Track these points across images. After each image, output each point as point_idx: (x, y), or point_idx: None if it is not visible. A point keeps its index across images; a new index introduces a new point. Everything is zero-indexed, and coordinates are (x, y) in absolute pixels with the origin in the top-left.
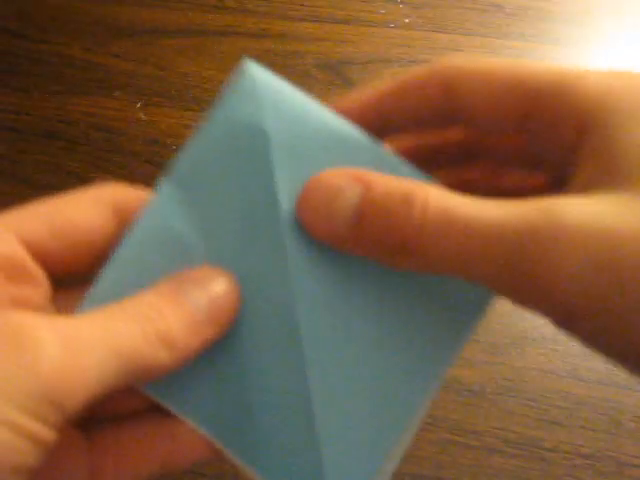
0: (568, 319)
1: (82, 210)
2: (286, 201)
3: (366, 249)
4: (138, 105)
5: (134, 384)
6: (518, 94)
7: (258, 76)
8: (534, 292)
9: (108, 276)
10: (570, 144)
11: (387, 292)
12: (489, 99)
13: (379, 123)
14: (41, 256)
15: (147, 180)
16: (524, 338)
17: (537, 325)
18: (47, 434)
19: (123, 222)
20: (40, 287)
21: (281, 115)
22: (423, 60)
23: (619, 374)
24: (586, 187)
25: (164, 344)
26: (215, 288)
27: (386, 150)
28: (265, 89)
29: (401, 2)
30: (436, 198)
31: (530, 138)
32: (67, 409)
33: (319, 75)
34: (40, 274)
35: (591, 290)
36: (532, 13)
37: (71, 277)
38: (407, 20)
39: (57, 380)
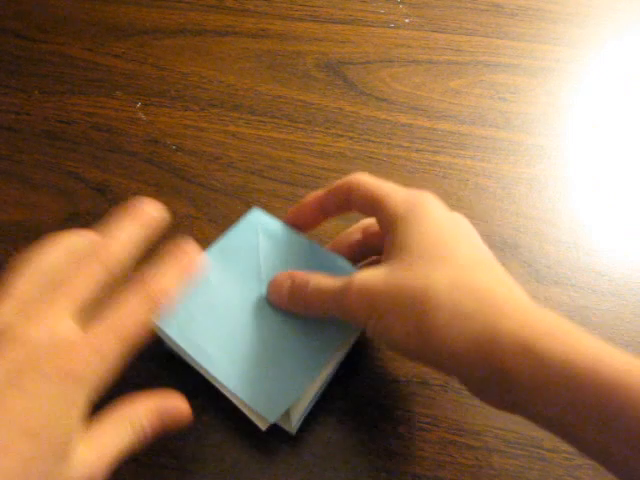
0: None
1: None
2: (265, 284)
3: (294, 307)
4: (138, 105)
5: None
6: (372, 209)
7: (258, 216)
8: (344, 315)
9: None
10: (385, 238)
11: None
12: (364, 203)
13: (318, 213)
14: None
15: (147, 180)
16: None
17: None
18: None
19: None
20: None
21: (269, 240)
22: (423, 60)
23: None
24: (384, 262)
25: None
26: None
27: (328, 253)
28: (262, 224)
29: (401, 2)
30: (316, 280)
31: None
32: None
33: (319, 75)
34: None
35: (360, 312)
36: (532, 13)
37: None
38: (407, 20)
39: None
